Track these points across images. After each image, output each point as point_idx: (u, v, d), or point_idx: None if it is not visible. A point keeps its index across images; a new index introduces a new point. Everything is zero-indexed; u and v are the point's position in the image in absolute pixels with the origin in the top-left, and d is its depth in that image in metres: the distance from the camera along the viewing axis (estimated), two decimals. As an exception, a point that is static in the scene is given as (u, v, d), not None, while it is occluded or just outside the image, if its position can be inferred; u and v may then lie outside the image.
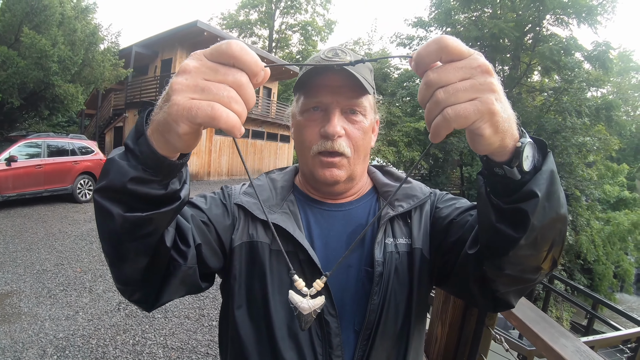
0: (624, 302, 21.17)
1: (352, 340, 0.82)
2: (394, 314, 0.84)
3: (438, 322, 2.12)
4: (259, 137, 21.04)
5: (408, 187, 0.94)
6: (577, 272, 17.16)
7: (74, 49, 11.72)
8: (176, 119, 0.48)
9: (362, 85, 0.79)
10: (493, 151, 0.53)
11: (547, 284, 9.88)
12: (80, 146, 10.61)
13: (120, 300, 4.83)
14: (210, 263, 0.81)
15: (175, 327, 4.33)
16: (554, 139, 15.50)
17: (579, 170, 16.65)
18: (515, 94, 17.94)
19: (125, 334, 4.07)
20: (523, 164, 0.54)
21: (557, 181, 0.57)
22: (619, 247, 19.10)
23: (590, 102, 16.08)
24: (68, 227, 7.94)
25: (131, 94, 17.75)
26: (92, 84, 13.36)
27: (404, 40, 19.39)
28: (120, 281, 0.68)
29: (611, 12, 16.09)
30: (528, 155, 0.54)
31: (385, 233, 0.87)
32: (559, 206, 0.58)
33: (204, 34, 15.88)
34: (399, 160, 15.71)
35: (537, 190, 0.55)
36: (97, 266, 5.89)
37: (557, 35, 16.85)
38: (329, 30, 36.55)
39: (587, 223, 17.49)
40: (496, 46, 17.13)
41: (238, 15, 34.77)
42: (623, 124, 19.22)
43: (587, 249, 16.67)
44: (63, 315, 4.32)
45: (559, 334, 1.38)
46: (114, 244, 0.61)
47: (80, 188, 10.50)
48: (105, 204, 0.57)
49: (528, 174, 0.55)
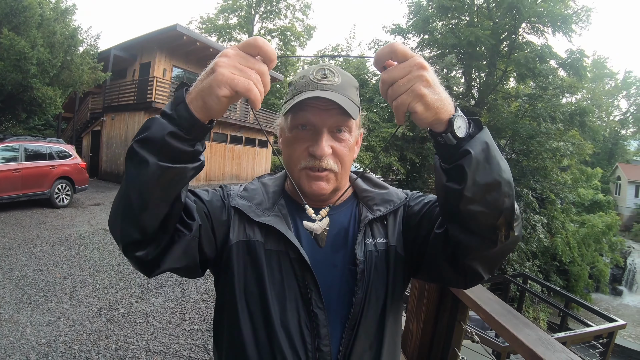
0: (600, 302, 21.71)
1: (338, 330, 0.90)
2: (374, 305, 0.92)
3: (413, 319, 2.22)
4: (237, 142, 20.94)
5: (385, 192, 1.04)
6: (553, 273, 17.55)
7: (53, 51, 11.55)
8: (219, 84, 0.65)
9: (349, 113, 0.85)
10: (431, 124, 0.70)
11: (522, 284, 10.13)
12: (57, 150, 10.45)
13: (101, 306, 4.82)
14: (206, 248, 0.89)
15: (157, 332, 4.34)
16: (528, 144, 15.85)
17: (554, 174, 17.04)
18: (491, 100, 18.28)
19: (107, 339, 4.06)
20: (456, 132, 0.70)
21: (493, 149, 0.72)
22: (594, 248, 19.51)
23: (565, 108, 16.47)
24: (46, 232, 7.84)
25: (109, 97, 17.46)
26: (71, 87, 13.16)
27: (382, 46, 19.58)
28: (133, 233, 0.75)
29: (586, 21, 16.54)
30: (460, 125, 0.71)
31: (365, 234, 0.96)
32: (500, 170, 0.71)
33: (183, 38, 15.75)
34: (376, 166, 15.83)
35: (470, 149, 0.69)
36: (76, 272, 5.85)
37: (533, 43, 17.27)
38: (308, 36, 36.47)
39: (562, 225, 17.91)
40: (473, 53, 17.46)
41: (217, 19, 34.35)
42: (596, 129, 19.79)
43: (563, 250, 17.05)
44: (44, 322, 4.29)
45: (523, 325, 1.48)
46: (142, 190, 0.71)
47: (57, 193, 10.33)
48: (143, 153, 0.70)
49: (463, 140, 0.71)
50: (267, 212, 0.96)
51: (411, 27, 18.67)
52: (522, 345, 1.35)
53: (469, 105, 17.95)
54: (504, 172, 0.72)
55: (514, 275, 12.55)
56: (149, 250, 0.77)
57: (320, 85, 0.87)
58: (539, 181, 16.84)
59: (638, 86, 44.87)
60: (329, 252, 0.95)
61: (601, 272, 20.00)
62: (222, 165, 20.04)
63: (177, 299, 5.30)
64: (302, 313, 0.89)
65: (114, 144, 16.83)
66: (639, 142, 48.42)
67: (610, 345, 5.93)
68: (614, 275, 24.63)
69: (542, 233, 16.10)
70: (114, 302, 5.01)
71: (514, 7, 15.61)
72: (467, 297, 1.80)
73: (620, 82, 45.86)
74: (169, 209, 0.75)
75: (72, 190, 10.80)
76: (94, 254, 6.77)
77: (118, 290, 5.39)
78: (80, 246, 7.17)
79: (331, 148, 0.90)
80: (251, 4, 33.88)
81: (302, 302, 0.89)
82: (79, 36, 13.32)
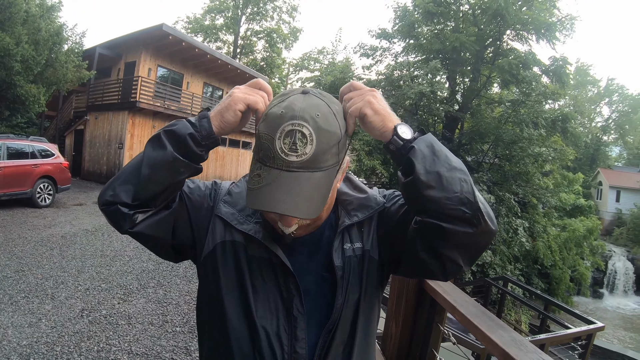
0: (581, 305, 22.10)
1: (314, 334, 0.93)
2: (350, 309, 0.95)
3: (392, 321, 2.26)
4: (221, 143, 20.78)
5: (364, 197, 1.04)
6: (534, 276, 17.78)
7: (38, 49, 11.43)
8: (236, 102, 0.87)
9: (309, 217, 0.83)
10: (381, 131, 0.84)
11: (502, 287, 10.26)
12: (40, 149, 10.35)
13: (83, 307, 4.79)
14: (179, 231, 0.98)
15: (139, 334, 4.33)
16: (511, 149, 15.99)
17: (536, 179, 17.24)
18: (474, 105, 18.41)
19: (89, 341, 4.04)
20: (401, 135, 0.82)
21: (439, 146, 0.83)
22: (575, 252, 19.81)
23: (547, 114, 16.62)
24: (28, 232, 7.74)
25: (93, 96, 17.32)
26: (55, 85, 13.05)
27: (368, 50, 19.63)
28: (126, 196, 0.89)
29: (570, 29, 16.71)
30: (405, 131, 0.83)
31: (343, 240, 0.98)
32: (449, 160, 0.81)
33: (169, 37, 15.71)
34: (359, 169, 15.87)
35: (414, 145, 0.81)
36: (58, 273, 5.80)
37: (517, 50, 17.43)
38: (294, 38, 36.46)
39: (543, 229, 18.13)
40: (457, 59, 17.57)
41: (204, 19, 34.04)
42: (578, 135, 20.02)
43: (544, 254, 17.29)
44: (26, 323, 4.25)
45: (497, 326, 1.51)
46: (155, 168, 0.87)
47: (39, 192, 10.21)
48: (166, 140, 0.87)
49: (409, 141, 0.82)
50: (250, 218, 0.98)
51: (397, 32, 18.68)
52: (496, 346, 1.38)
53: (452, 110, 18.08)
54: (453, 161, 0.82)
55: (495, 278, 12.69)
56: (131, 210, 0.89)
57: (286, 163, 0.78)
58: (521, 186, 17.02)
59: (620, 93, 45.56)
60: (306, 257, 0.97)
61: (582, 275, 20.32)
62: (205, 166, 19.75)
63: (159, 300, 5.28)
64: (281, 317, 0.91)
65: (97, 144, 16.67)
66: (620, 148, 49.35)
67: (589, 347, 6.04)
68: (595, 279, 25.08)
69: (524, 237, 16.29)
70: (95, 303, 4.97)
71: (499, 14, 15.72)
72: (443, 299, 1.84)
73: (602, 89, 46.48)
74: (164, 189, 0.90)
75: (54, 190, 10.67)
76: (76, 255, 6.71)
77: (100, 291, 5.35)
78: (62, 247, 7.10)
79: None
80: (238, 5, 33.70)
81: (283, 306, 0.92)
82: (64, 34, 13.19)
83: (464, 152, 19.04)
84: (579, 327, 6.60)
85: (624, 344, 18.06)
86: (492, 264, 15.10)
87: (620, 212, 34.11)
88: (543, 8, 16.40)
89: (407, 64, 17.64)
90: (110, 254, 7.02)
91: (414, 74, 17.63)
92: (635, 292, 26.63)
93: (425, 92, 15.48)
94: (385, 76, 18.67)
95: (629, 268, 27.29)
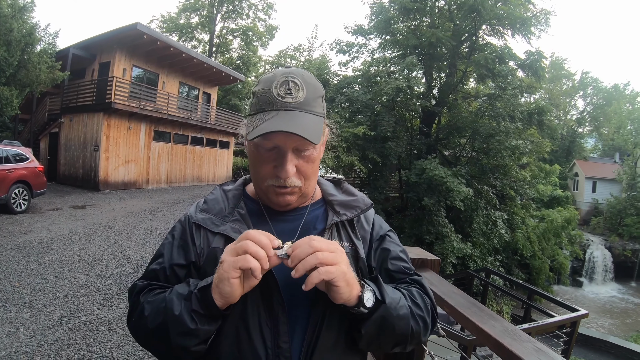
0: (561, 293, 22.57)
1: (300, 328, 0.93)
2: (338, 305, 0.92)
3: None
4: (198, 144, 20.77)
5: (352, 199, 1.09)
6: (515, 267, 18.10)
7: (10, 50, 11.12)
8: (227, 270, 0.81)
9: (311, 140, 0.87)
10: (346, 300, 0.84)
11: (485, 278, 10.40)
12: (14, 153, 10.05)
13: (62, 315, 4.66)
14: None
15: (121, 339, 4.24)
16: (488, 142, 16.22)
17: (513, 172, 17.50)
18: (451, 99, 18.61)
19: (69, 349, 3.94)
20: (366, 303, 0.86)
21: (387, 322, 0.88)
22: (554, 242, 20.19)
23: (523, 108, 16.91)
24: (3, 239, 7.52)
25: (67, 98, 16.84)
26: (27, 87, 12.70)
27: (344, 47, 19.60)
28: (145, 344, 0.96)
29: (545, 24, 16.96)
30: (369, 297, 0.87)
31: (331, 236, 0.99)
32: (395, 333, 0.91)
33: (143, 37, 15.41)
34: (337, 165, 15.83)
35: (363, 330, 0.88)
36: (35, 280, 5.64)
37: (492, 45, 17.65)
38: (270, 36, 36.14)
39: (522, 221, 18.47)
40: (434, 54, 17.70)
41: (179, 18, 33.41)
42: (554, 127, 20.44)
43: (523, 245, 17.59)
44: (4, 333, 4.12)
45: (488, 317, 1.51)
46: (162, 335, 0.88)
47: (15, 198, 9.90)
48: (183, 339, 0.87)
49: (372, 307, 0.87)
50: (226, 219, 1.01)
51: (373, 28, 18.64)
52: (488, 336, 1.37)
53: (429, 105, 18.22)
54: (398, 334, 0.91)
55: (477, 270, 12.85)
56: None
57: (284, 104, 0.90)
58: (498, 178, 17.28)
59: (594, 86, 46.48)
60: None
61: (561, 265, 20.75)
62: (183, 167, 19.77)
63: (142, 304, 5.17)
64: (262, 312, 0.91)
65: (72, 147, 16.27)
66: (595, 139, 50.49)
67: (574, 334, 6.14)
68: (574, 268, 25.66)
69: (503, 229, 16.55)
70: (75, 310, 4.85)
71: (474, 9, 15.87)
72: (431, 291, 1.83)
73: (577, 82, 47.28)
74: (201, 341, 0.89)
75: (29, 195, 10.37)
76: (53, 261, 6.54)
77: (79, 297, 5.23)
78: (39, 253, 6.91)
79: (295, 167, 0.94)
80: (213, 3, 33.24)
81: (262, 301, 0.91)
82: (37, 34, 12.85)
83: (442, 147, 19.27)
84: (563, 315, 6.72)
85: (604, 329, 18.52)
86: (472, 256, 15.31)
87: (597, 202, 34.84)
88: (518, 3, 16.60)
89: (383, 59, 17.62)
90: (88, 259, 6.85)
91: (391, 69, 17.75)
92: (613, 279, 27.30)
93: (402, 88, 15.55)
94: (361, 72, 18.77)
95: (607, 256, 27.97)
